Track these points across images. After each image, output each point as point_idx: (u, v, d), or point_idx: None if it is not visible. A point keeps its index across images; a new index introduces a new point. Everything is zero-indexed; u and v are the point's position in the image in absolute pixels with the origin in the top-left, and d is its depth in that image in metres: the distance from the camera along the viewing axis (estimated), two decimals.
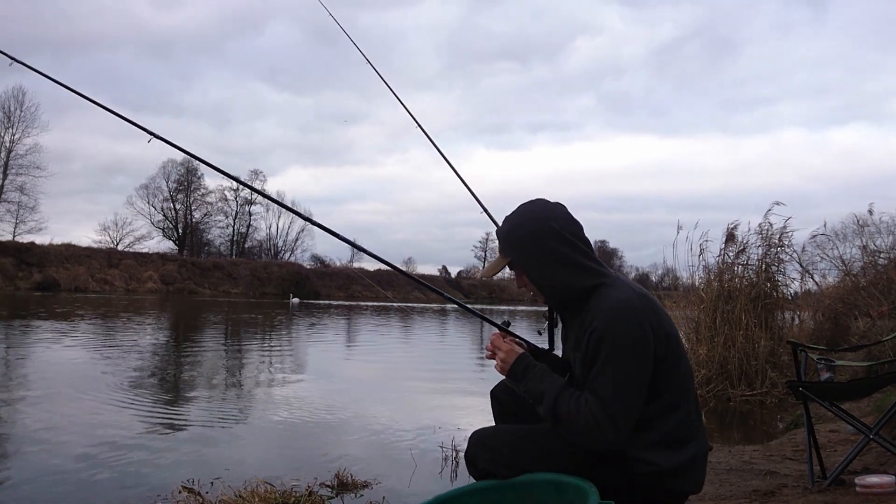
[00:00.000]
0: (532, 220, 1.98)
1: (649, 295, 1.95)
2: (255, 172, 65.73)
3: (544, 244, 1.93)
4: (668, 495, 1.92)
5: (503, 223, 2.04)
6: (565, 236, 1.94)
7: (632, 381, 1.79)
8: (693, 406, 1.96)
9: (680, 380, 1.92)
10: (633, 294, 1.88)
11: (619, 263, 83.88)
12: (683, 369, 1.95)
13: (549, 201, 2.04)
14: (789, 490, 3.21)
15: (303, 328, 18.57)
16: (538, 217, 1.97)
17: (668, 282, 10.71)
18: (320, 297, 48.68)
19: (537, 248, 1.94)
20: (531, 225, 1.96)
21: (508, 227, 2.01)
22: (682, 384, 1.93)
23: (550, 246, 1.93)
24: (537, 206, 2.02)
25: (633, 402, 1.80)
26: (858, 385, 3.69)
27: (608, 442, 1.79)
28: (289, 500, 3.24)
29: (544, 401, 1.87)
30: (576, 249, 1.95)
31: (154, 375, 8.20)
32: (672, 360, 1.89)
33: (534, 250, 1.94)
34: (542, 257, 1.94)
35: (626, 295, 1.87)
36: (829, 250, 9.36)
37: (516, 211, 2.04)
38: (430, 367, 10.86)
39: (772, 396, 7.10)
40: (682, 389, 1.93)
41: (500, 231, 2.04)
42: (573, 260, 1.93)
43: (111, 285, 43.99)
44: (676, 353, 1.92)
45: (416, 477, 4.10)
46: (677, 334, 1.97)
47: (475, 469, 2.03)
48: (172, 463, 4.25)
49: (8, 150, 45.74)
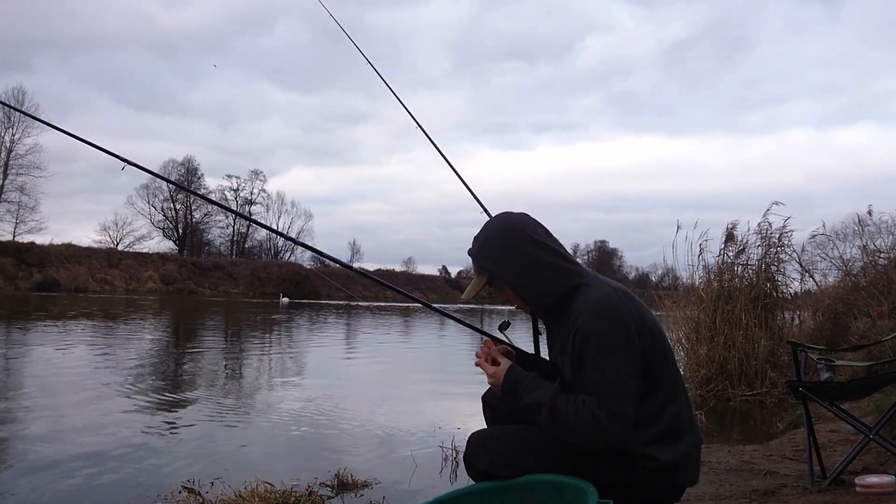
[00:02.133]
0: (503, 230, 1.99)
1: (629, 292, 1.95)
2: (255, 172, 65.89)
3: (521, 250, 1.94)
4: (666, 490, 1.93)
5: (474, 243, 2.04)
6: (539, 240, 1.96)
7: (623, 376, 1.79)
8: (684, 398, 1.98)
9: (671, 374, 1.94)
10: (612, 292, 1.89)
11: (618, 263, 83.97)
12: (672, 363, 1.97)
13: (513, 212, 2.06)
14: (789, 490, 3.21)
15: (284, 328, 18.57)
16: (509, 226, 1.99)
17: (667, 282, 10.70)
18: (320, 297, 48.65)
19: (515, 255, 1.94)
20: (504, 235, 1.97)
21: (481, 242, 2.02)
22: (674, 378, 1.95)
23: (527, 251, 1.94)
24: (505, 218, 2.04)
25: (628, 396, 1.80)
26: (858, 385, 3.69)
27: (612, 438, 1.79)
28: (289, 499, 3.24)
29: (542, 409, 1.86)
30: (551, 252, 1.96)
31: (153, 376, 8.20)
32: (660, 354, 1.91)
33: (513, 259, 1.95)
34: (521, 264, 1.94)
35: (606, 293, 1.87)
36: (829, 250, 9.37)
37: (486, 227, 2.05)
38: (429, 367, 10.87)
39: (772, 396, 7.10)
40: (674, 383, 1.94)
41: (473, 250, 2.03)
42: (552, 262, 1.94)
43: (111, 285, 43.99)
44: (663, 347, 1.93)
45: (416, 477, 4.10)
46: (661, 329, 1.98)
47: (474, 470, 2.03)
48: (172, 463, 4.25)
49: (8, 150, 45.85)
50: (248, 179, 65.22)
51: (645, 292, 12.28)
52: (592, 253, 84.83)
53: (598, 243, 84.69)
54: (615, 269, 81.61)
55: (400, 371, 10.44)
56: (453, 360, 12.05)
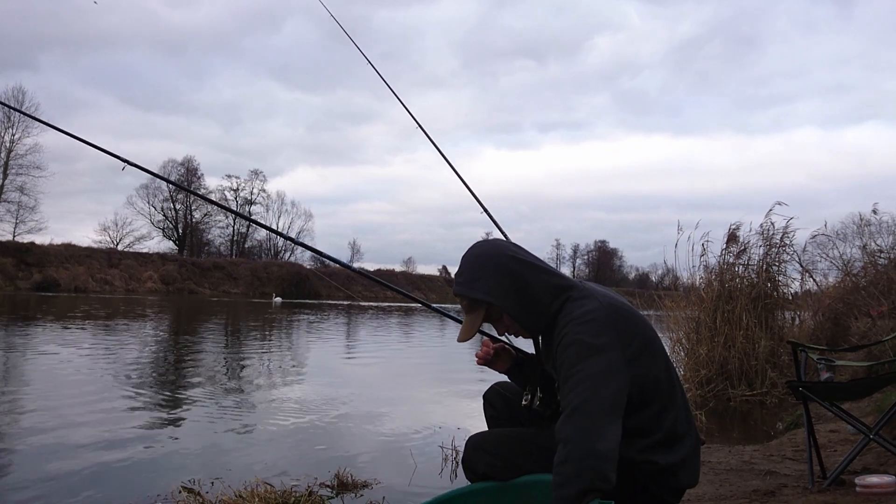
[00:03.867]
0: (490, 257, 1.95)
1: (617, 300, 1.92)
2: (254, 172, 65.94)
3: (513, 273, 1.91)
4: (667, 491, 1.92)
5: (458, 279, 1.98)
6: (523, 259, 1.94)
7: (607, 382, 1.74)
8: (682, 402, 1.95)
9: (665, 381, 1.91)
10: (598, 303, 1.85)
11: (618, 263, 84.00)
12: (667, 368, 1.94)
13: (487, 240, 2.04)
14: (789, 490, 3.21)
15: (274, 327, 18.56)
16: (493, 252, 1.95)
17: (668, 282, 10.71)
18: (321, 297, 48.66)
19: (510, 280, 1.91)
20: (492, 262, 1.93)
21: (470, 275, 1.95)
22: (668, 385, 1.92)
23: (518, 273, 1.91)
24: (485, 246, 1.99)
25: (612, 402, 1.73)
26: (858, 385, 3.69)
27: (604, 442, 1.76)
28: (289, 500, 3.24)
29: None
30: (538, 269, 1.93)
31: (152, 375, 8.20)
32: (653, 361, 1.88)
33: (508, 284, 1.91)
34: (516, 288, 1.91)
35: (592, 305, 1.85)
36: (829, 250, 9.37)
37: (467, 260, 1.99)
38: (429, 367, 10.87)
39: (772, 396, 7.10)
40: (669, 390, 1.92)
41: (461, 286, 1.96)
42: (542, 280, 1.91)
43: (111, 285, 44.00)
44: (656, 354, 1.90)
45: (416, 477, 4.10)
46: (654, 335, 1.95)
47: (472, 474, 2.02)
48: (172, 463, 4.25)
49: (8, 150, 45.84)
50: (248, 179, 65.36)
51: (645, 292, 12.29)
52: (592, 253, 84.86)
53: (598, 243, 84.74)
54: (615, 269, 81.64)
55: (400, 371, 10.44)
56: (453, 359, 12.04)
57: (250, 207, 63.88)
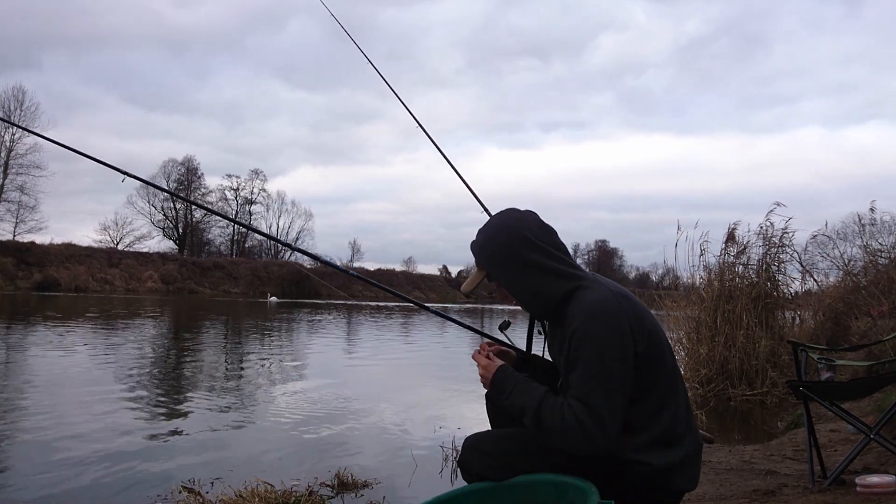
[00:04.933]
0: (505, 231, 1.96)
1: (627, 294, 1.94)
2: (255, 172, 65.95)
3: (518, 254, 1.92)
4: (664, 494, 1.91)
5: (477, 237, 2.03)
6: (539, 244, 1.93)
7: (614, 381, 1.77)
8: (683, 402, 1.94)
9: (667, 377, 1.91)
10: (609, 294, 1.87)
11: (619, 263, 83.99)
12: (670, 366, 1.93)
13: (520, 210, 2.04)
14: (790, 490, 3.21)
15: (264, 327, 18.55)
16: (511, 227, 1.96)
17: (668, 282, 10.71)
18: (321, 297, 48.65)
19: (512, 258, 1.93)
20: (504, 236, 1.95)
21: (482, 239, 2.00)
22: (670, 381, 1.91)
23: (524, 255, 1.92)
24: (509, 217, 2.01)
25: (616, 402, 1.77)
26: (859, 385, 3.68)
27: (597, 445, 1.77)
28: (289, 499, 3.24)
29: (527, 412, 1.85)
30: (550, 256, 1.93)
31: (151, 375, 8.20)
32: (656, 358, 1.88)
33: (509, 261, 1.93)
34: (516, 267, 1.93)
35: (602, 296, 1.86)
36: (829, 250, 9.36)
37: (489, 223, 2.03)
38: (429, 367, 10.87)
39: (772, 396, 7.09)
40: (670, 387, 1.91)
41: (475, 245, 2.02)
42: (549, 267, 1.92)
43: (111, 285, 44.02)
44: (660, 350, 1.90)
45: (416, 477, 4.10)
46: (661, 331, 1.95)
47: (469, 474, 2.02)
48: (172, 463, 4.25)
49: (8, 149, 45.85)
50: (249, 179, 65.38)
51: (645, 292, 12.29)
52: (592, 252, 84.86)
53: (599, 243, 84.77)
54: (615, 269, 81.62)
55: (400, 371, 10.43)
56: (453, 359, 12.04)
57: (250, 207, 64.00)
